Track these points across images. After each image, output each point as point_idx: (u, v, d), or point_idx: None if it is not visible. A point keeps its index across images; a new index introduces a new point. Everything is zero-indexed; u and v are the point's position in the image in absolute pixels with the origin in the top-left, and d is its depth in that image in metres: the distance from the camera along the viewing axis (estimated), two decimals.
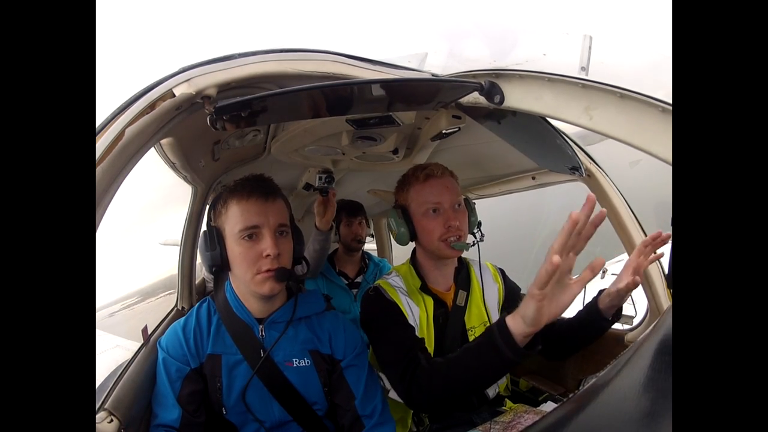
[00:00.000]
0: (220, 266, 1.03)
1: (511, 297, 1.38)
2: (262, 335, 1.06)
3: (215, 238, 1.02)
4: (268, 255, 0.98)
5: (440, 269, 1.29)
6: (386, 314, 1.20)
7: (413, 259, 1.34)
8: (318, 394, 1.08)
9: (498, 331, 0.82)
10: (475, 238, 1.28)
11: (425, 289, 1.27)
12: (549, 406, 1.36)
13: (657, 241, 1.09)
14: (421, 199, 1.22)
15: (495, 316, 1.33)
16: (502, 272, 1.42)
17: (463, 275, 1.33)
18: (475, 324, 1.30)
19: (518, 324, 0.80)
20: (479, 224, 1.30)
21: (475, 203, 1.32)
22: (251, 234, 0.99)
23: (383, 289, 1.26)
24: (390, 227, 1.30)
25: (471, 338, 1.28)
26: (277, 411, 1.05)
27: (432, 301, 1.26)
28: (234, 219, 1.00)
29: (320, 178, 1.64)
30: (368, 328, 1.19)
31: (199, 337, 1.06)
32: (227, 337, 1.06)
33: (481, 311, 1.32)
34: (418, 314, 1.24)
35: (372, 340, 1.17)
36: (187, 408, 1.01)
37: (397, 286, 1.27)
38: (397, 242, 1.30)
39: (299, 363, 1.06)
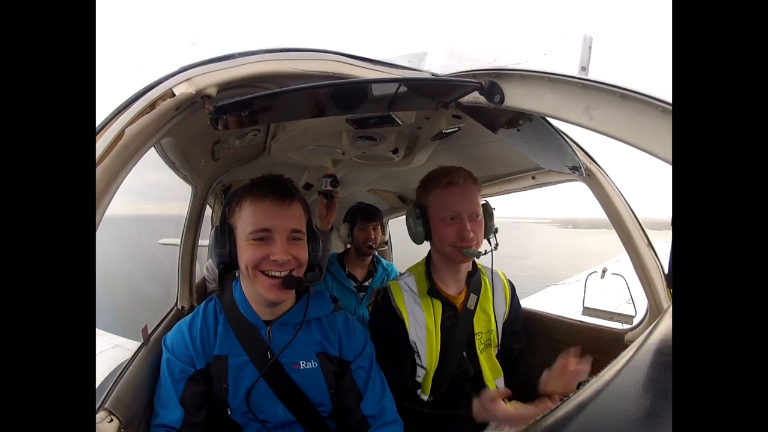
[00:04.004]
0: (228, 264, 1.02)
1: (514, 317, 1.40)
2: (269, 337, 1.05)
3: (226, 236, 1.01)
4: (275, 260, 0.96)
5: (453, 272, 1.31)
6: (389, 333, 1.25)
7: (428, 259, 1.36)
8: (323, 395, 1.07)
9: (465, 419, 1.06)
10: (490, 244, 1.29)
11: (434, 293, 1.28)
12: None
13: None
14: (441, 205, 1.23)
15: (500, 326, 1.34)
16: (513, 289, 1.43)
17: (475, 279, 1.34)
18: (483, 330, 1.32)
19: None
20: (495, 230, 1.29)
21: (494, 209, 1.31)
22: (263, 237, 0.97)
23: (392, 295, 1.28)
24: (407, 225, 1.32)
25: (477, 343, 1.29)
26: (282, 412, 1.05)
27: (440, 305, 1.28)
28: (246, 219, 0.99)
29: (326, 182, 1.65)
30: (373, 337, 1.20)
31: (206, 338, 1.05)
32: (234, 338, 1.05)
33: (489, 318, 1.33)
34: (424, 321, 1.26)
35: (376, 351, 1.18)
36: (190, 409, 1.01)
37: (406, 289, 1.30)
38: (413, 240, 1.33)
39: (306, 365, 1.06)
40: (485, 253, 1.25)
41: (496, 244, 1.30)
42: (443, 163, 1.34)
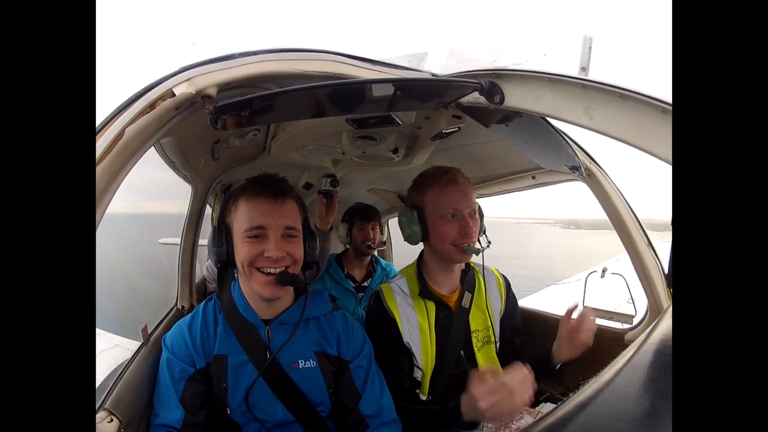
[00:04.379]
0: (225, 263, 1.03)
1: (511, 311, 1.40)
2: (268, 336, 1.05)
3: (223, 234, 1.02)
4: (269, 256, 0.97)
5: (446, 271, 1.31)
6: (383, 335, 1.24)
7: (419, 261, 1.36)
8: (322, 395, 1.07)
9: (453, 414, 1.02)
10: (481, 244, 1.30)
11: (425, 293, 1.28)
12: (548, 407, 1.36)
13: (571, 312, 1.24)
14: (440, 203, 1.23)
15: (497, 322, 1.34)
16: (507, 284, 1.43)
17: (469, 278, 1.35)
18: (479, 327, 1.32)
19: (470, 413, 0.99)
20: (484, 230, 1.32)
21: (482, 209, 1.34)
22: (257, 234, 0.98)
23: (384, 298, 1.29)
24: (401, 225, 1.32)
25: (474, 341, 1.29)
26: (281, 411, 1.05)
27: (433, 306, 1.28)
28: (241, 218, 1.00)
29: (325, 182, 1.65)
30: (370, 340, 1.20)
31: (206, 337, 1.05)
32: (233, 338, 1.05)
33: (485, 315, 1.34)
34: (417, 323, 1.26)
35: (374, 355, 1.18)
36: (190, 409, 1.01)
37: (398, 291, 1.30)
38: (408, 241, 1.33)
39: (305, 364, 1.06)
40: (483, 249, 1.27)
41: (489, 242, 1.32)
42: (443, 163, 1.34)
